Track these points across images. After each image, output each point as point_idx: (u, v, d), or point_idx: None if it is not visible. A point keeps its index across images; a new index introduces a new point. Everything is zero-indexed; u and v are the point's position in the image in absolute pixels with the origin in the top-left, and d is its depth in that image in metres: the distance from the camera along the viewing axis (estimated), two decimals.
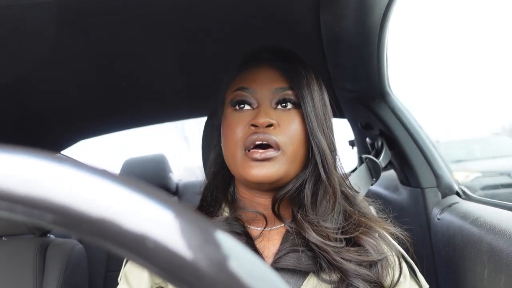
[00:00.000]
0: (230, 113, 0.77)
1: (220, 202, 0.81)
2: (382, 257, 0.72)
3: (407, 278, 0.76)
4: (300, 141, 0.74)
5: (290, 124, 0.74)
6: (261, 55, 0.81)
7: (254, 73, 0.78)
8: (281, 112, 0.75)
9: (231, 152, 0.75)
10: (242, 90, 0.76)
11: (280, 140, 0.71)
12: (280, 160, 0.71)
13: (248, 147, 0.71)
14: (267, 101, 0.75)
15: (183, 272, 0.19)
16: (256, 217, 0.78)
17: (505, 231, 0.81)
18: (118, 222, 0.19)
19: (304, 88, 0.75)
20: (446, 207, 1.19)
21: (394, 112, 1.37)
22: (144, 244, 0.19)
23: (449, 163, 1.36)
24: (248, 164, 0.71)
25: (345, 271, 0.69)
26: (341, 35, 1.01)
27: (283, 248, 0.74)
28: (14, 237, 1.54)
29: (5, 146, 0.20)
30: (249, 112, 0.75)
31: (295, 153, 0.73)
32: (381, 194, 1.65)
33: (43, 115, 1.47)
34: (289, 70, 0.76)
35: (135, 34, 1.01)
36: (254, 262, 0.21)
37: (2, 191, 0.19)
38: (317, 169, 0.74)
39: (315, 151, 0.73)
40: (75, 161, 0.21)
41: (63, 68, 1.14)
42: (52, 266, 1.46)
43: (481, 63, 5.02)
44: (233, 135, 0.74)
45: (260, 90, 0.75)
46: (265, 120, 0.71)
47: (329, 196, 0.74)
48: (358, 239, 0.73)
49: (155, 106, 1.64)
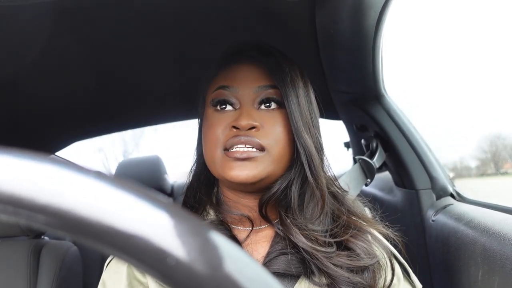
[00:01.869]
0: (211, 114, 0.73)
1: (204, 204, 0.78)
2: (374, 261, 0.70)
3: (401, 280, 0.74)
4: (285, 142, 0.71)
5: (274, 125, 0.71)
6: (242, 52, 0.77)
7: (235, 71, 0.74)
8: (264, 113, 0.71)
9: (210, 152, 0.71)
10: (223, 89, 0.72)
11: (264, 142, 0.68)
12: (265, 160, 0.68)
13: (229, 148, 0.68)
14: (250, 100, 0.71)
15: (177, 273, 0.19)
16: (242, 218, 0.75)
17: (499, 233, 0.82)
18: (110, 223, 0.19)
19: (288, 86, 0.71)
20: (441, 209, 1.19)
21: (389, 114, 1.38)
22: (139, 246, 0.19)
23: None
24: (229, 164, 0.68)
25: (336, 278, 0.66)
26: (337, 37, 1.01)
27: (272, 251, 0.71)
28: (8, 239, 1.53)
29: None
30: (231, 112, 0.71)
31: (281, 153, 0.70)
32: (375, 195, 1.65)
33: (37, 116, 1.46)
34: (272, 67, 0.72)
35: (131, 36, 1.01)
36: (249, 263, 0.21)
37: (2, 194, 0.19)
38: (303, 169, 0.71)
39: (301, 151, 0.70)
40: (69, 163, 0.21)
41: (58, 70, 1.13)
42: (46, 268, 1.45)
43: (481, 64, 4.94)
44: (213, 136, 0.70)
45: (242, 89, 0.72)
46: (248, 122, 0.68)
47: (317, 198, 0.72)
48: (348, 243, 0.71)
49: (150, 107, 1.63)
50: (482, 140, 3.04)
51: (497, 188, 2.58)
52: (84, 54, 1.07)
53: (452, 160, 2.70)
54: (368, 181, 1.34)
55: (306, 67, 0.79)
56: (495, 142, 2.98)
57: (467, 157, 3.09)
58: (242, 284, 0.19)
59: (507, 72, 1.76)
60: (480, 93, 2.01)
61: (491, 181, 2.85)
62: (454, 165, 3.06)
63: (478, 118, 2.11)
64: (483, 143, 3.04)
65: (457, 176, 2.71)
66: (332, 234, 0.72)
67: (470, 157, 2.97)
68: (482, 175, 3.04)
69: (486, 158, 3.01)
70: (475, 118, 2.11)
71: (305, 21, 0.98)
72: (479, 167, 3.11)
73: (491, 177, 2.94)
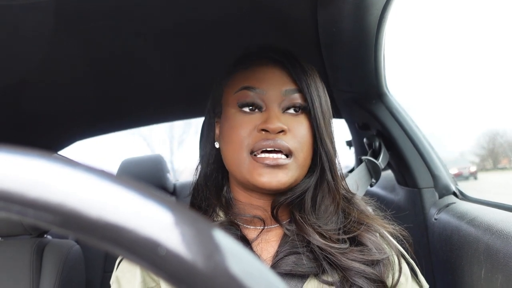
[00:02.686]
0: (234, 114, 0.72)
1: (213, 206, 0.78)
2: (385, 256, 0.71)
3: (409, 279, 0.74)
4: (309, 147, 0.71)
5: (300, 129, 0.70)
6: (265, 54, 0.76)
7: (261, 72, 0.73)
8: (289, 117, 0.71)
9: (235, 155, 0.70)
10: (249, 89, 0.71)
11: (292, 146, 0.68)
12: (292, 167, 0.68)
13: (256, 152, 0.68)
14: (276, 104, 0.71)
15: (182, 272, 0.19)
16: (253, 219, 0.75)
17: (502, 231, 0.82)
18: (115, 222, 0.19)
19: (313, 91, 0.71)
20: (443, 207, 1.19)
21: (391, 112, 1.37)
22: (145, 245, 0.19)
23: None
24: (258, 170, 0.67)
25: (349, 270, 0.67)
26: (339, 35, 1.01)
27: (281, 250, 0.71)
28: (11, 238, 1.54)
29: (2, 146, 0.20)
30: (257, 115, 0.70)
31: (305, 158, 0.71)
32: (378, 194, 1.65)
33: (40, 116, 1.46)
34: (297, 71, 0.72)
35: (132, 35, 1.01)
36: (254, 263, 0.21)
37: (2, 192, 0.19)
38: (324, 173, 0.72)
39: (324, 157, 0.71)
40: (73, 161, 0.21)
41: (60, 69, 1.13)
42: (49, 266, 1.45)
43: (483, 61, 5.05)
44: (238, 138, 0.69)
45: (269, 91, 0.71)
46: (277, 126, 0.67)
47: (332, 200, 0.73)
48: (360, 237, 0.72)
49: (152, 106, 1.63)
50: (481, 137, 3.11)
51: (496, 183, 2.64)
52: (87, 54, 1.07)
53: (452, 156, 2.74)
54: (373, 182, 1.34)
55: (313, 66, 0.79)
56: (493, 139, 3.06)
57: (467, 153, 3.14)
58: (245, 283, 0.20)
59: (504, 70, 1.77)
60: (478, 90, 2.02)
61: (489, 175, 2.93)
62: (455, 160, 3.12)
63: (477, 115, 2.14)
64: (482, 140, 3.12)
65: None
66: (345, 231, 0.73)
67: (469, 153, 3.03)
68: (481, 170, 3.10)
69: (484, 154, 3.08)
70: (475, 115, 2.14)
71: (306, 19, 0.98)
72: (479, 163, 3.17)
73: (489, 172, 3.01)
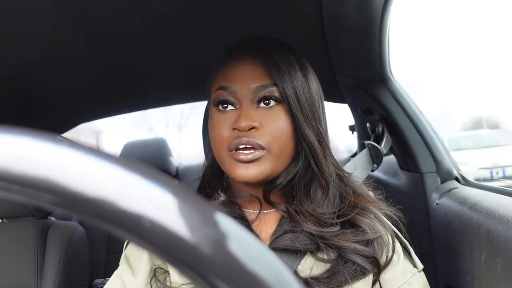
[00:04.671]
0: (214, 113, 0.75)
1: (216, 189, 0.83)
2: (378, 235, 0.73)
3: (401, 257, 0.77)
4: (286, 137, 0.72)
5: (274, 122, 0.72)
6: (241, 48, 0.77)
7: (233, 71, 0.75)
8: (263, 111, 0.72)
9: (217, 152, 0.75)
10: (223, 89, 0.74)
11: (263, 142, 0.70)
12: (265, 159, 0.71)
13: (232, 149, 0.71)
14: (248, 100, 0.73)
15: (182, 252, 0.19)
16: (252, 200, 0.78)
17: (504, 216, 0.82)
18: (117, 202, 0.19)
19: (287, 82, 0.72)
20: (445, 192, 1.19)
21: (395, 97, 1.37)
22: (142, 224, 0.19)
23: None
24: (234, 165, 0.71)
25: (343, 249, 0.70)
26: (343, 19, 1.00)
27: (280, 229, 0.75)
28: (15, 219, 1.56)
29: (5, 128, 0.20)
30: (232, 113, 0.73)
31: (282, 150, 0.72)
32: (380, 178, 1.65)
33: (43, 99, 1.46)
34: (269, 64, 0.73)
35: (134, 18, 1.00)
36: (252, 243, 0.21)
37: (2, 172, 0.19)
38: (307, 162, 0.74)
39: (305, 146, 0.73)
40: (76, 143, 0.21)
41: (63, 52, 1.13)
42: (53, 248, 1.47)
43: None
44: (218, 137, 0.73)
45: (240, 89, 0.73)
46: (246, 124, 0.70)
47: (319, 184, 0.75)
48: (354, 220, 0.74)
49: (155, 89, 1.63)
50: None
51: None
52: (90, 37, 1.06)
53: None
54: (375, 167, 1.34)
55: (311, 50, 0.79)
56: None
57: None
58: (243, 261, 0.20)
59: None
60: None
61: None
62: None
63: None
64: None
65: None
66: (339, 215, 0.75)
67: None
68: None
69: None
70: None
71: (311, 3, 0.97)
72: None
73: None
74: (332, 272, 0.70)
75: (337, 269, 0.70)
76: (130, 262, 0.77)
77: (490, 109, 6.23)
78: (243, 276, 0.19)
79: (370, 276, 0.73)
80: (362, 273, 0.71)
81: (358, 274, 0.71)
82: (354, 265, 0.71)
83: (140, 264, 0.76)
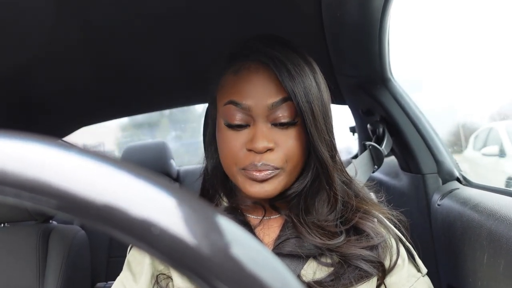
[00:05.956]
0: (224, 129, 0.72)
1: (218, 191, 0.81)
2: (382, 240, 0.73)
3: (405, 261, 0.76)
4: (300, 154, 0.71)
5: (289, 141, 0.70)
6: (248, 55, 0.72)
7: (245, 83, 0.70)
8: (278, 130, 0.70)
9: (228, 168, 0.73)
10: (235, 104, 0.69)
11: (279, 163, 0.69)
12: (279, 176, 0.70)
13: (246, 168, 0.69)
14: (263, 118, 0.69)
15: (189, 258, 0.19)
16: (256, 207, 0.78)
17: (506, 217, 0.82)
18: (121, 208, 0.19)
19: (302, 97, 0.67)
20: (447, 193, 1.19)
21: (395, 98, 1.37)
22: (149, 230, 0.19)
23: None
24: (248, 182, 0.70)
25: (349, 257, 0.70)
26: (343, 19, 1.00)
27: (283, 234, 0.74)
28: (17, 224, 1.56)
29: (6, 132, 0.20)
30: (245, 131, 0.70)
31: (295, 166, 0.71)
32: (381, 180, 1.65)
33: (44, 102, 1.46)
34: (284, 76, 0.67)
35: (134, 20, 1.00)
36: (257, 248, 0.21)
37: (4, 177, 0.19)
38: (317, 173, 0.73)
39: (317, 164, 0.71)
40: (78, 147, 0.21)
41: (64, 55, 1.13)
42: (55, 252, 1.47)
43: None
44: (230, 154, 0.71)
45: (255, 106, 0.68)
46: (263, 146, 0.67)
47: (327, 196, 0.74)
48: (358, 224, 0.73)
49: (156, 92, 1.63)
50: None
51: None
52: (90, 40, 1.06)
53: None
54: (376, 168, 1.34)
55: (312, 51, 0.78)
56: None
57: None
58: (247, 266, 0.20)
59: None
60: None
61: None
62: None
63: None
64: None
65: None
66: (342, 221, 0.74)
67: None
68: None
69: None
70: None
71: (311, 3, 0.97)
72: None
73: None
74: (335, 275, 0.70)
75: (341, 273, 0.70)
76: (131, 268, 0.77)
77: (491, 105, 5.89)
78: (248, 281, 0.19)
79: (375, 279, 0.72)
80: (366, 276, 0.71)
81: (363, 277, 0.70)
82: (357, 269, 0.70)
83: (141, 269, 0.75)
